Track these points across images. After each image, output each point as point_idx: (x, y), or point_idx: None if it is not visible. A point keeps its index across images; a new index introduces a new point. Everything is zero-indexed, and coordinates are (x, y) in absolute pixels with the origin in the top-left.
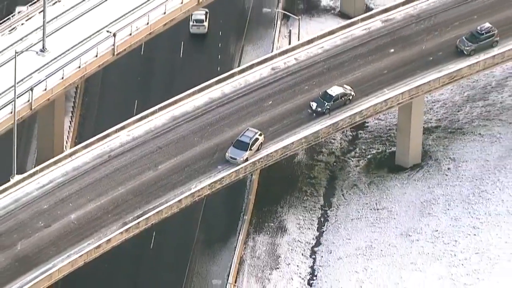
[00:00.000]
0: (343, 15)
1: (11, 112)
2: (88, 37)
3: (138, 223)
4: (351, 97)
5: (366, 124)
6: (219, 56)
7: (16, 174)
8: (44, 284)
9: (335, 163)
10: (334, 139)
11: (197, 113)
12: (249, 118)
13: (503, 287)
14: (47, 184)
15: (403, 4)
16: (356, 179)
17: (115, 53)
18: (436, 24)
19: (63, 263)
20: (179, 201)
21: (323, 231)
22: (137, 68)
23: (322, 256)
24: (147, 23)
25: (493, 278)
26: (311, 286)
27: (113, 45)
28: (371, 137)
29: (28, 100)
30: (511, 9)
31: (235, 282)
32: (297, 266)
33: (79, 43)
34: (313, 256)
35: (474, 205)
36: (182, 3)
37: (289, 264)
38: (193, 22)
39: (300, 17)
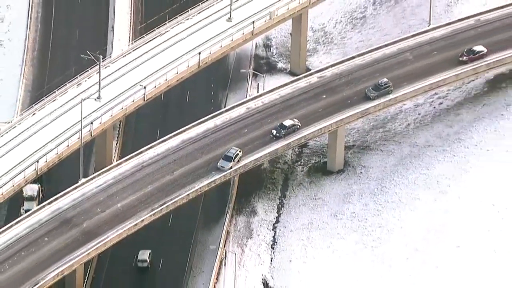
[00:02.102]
0: (292, 73)
1: (78, 138)
2: (127, 89)
3: (161, 209)
4: (298, 127)
5: (308, 144)
6: (212, 100)
7: (82, 177)
8: (101, 249)
9: (287, 169)
10: (287, 154)
11: (198, 137)
12: (232, 140)
13: (396, 248)
14: (102, 184)
15: (331, 66)
16: (301, 179)
17: (145, 99)
18: (352, 79)
19: (113, 235)
20: (188, 195)
21: (280, 213)
22: (159, 109)
23: (279, 230)
24: (166, 79)
25: (390, 243)
26: (273, 249)
27: (144, 94)
28: (311, 152)
29: (89, 130)
30: (400, 70)
31: (224, 247)
32: (264, 236)
33: (121, 92)
34: (274, 230)
35: (378, 196)
36: (188, 66)
37: (259, 235)
38: None
39: (264, 75)
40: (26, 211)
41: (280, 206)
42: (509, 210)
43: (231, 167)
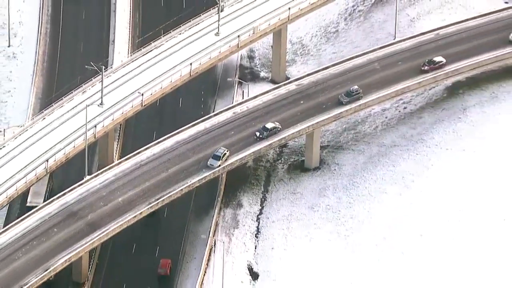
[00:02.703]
0: (273, 81)
1: (83, 140)
2: (127, 96)
3: (157, 202)
4: (279, 129)
5: (287, 144)
6: (202, 106)
7: (87, 175)
8: (104, 238)
9: (270, 167)
10: (269, 153)
11: (190, 139)
12: (220, 141)
13: (366, 237)
14: (104, 181)
15: (307, 75)
16: (282, 176)
17: (143, 105)
18: (327, 87)
19: (115, 226)
20: (181, 190)
21: (263, 206)
22: (155, 113)
23: (263, 220)
24: (161, 87)
25: (361, 232)
26: (257, 237)
27: (142, 100)
28: (290, 151)
29: (93, 132)
30: (369, 78)
31: (214, 236)
32: (249, 226)
33: (122, 99)
34: (258, 221)
35: (350, 190)
36: (181, 75)
37: (244, 225)
38: None
39: (248, 83)
40: None
41: (263, 199)
42: (466, 202)
43: (219, 165)
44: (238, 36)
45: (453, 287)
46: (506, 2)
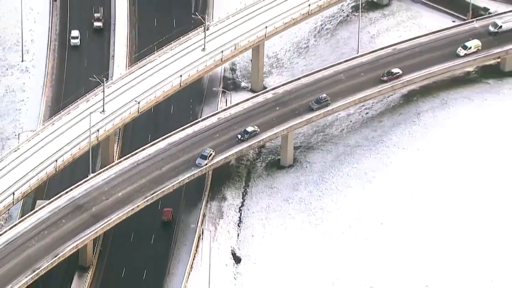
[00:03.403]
0: (252, 90)
1: (88, 142)
2: (124, 104)
3: (153, 196)
4: (258, 132)
5: (265, 145)
6: (190, 112)
7: (91, 173)
8: (106, 228)
9: (250, 165)
10: (249, 153)
11: (181, 141)
12: (207, 143)
13: (334, 225)
14: (106, 177)
15: (283, 85)
16: (261, 172)
17: (139, 112)
18: (299, 95)
19: (115, 217)
20: (173, 185)
21: (245, 199)
22: (150, 119)
23: (244, 212)
24: (155, 96)
25: (329, 222)
26: (239, 227)
27: (138, 107)
28: (268, 151)
29: (96, 136)
30: (335, 87)
31: (202, 225)
32: (232, 216)
33: (121, 106)
34: (240, 212)
35: (319, 185)
36: (172, 86)
37: (228, 216)
38: None
39: (230, 92)
40: None
41: (244, 193)
42: (421, 195)
43: (206, 164)
44: (222, 51)
45: (409, 268)
46: (454, 21)
